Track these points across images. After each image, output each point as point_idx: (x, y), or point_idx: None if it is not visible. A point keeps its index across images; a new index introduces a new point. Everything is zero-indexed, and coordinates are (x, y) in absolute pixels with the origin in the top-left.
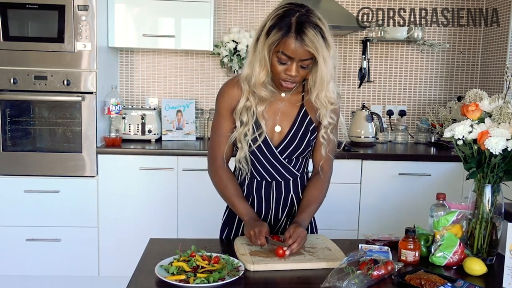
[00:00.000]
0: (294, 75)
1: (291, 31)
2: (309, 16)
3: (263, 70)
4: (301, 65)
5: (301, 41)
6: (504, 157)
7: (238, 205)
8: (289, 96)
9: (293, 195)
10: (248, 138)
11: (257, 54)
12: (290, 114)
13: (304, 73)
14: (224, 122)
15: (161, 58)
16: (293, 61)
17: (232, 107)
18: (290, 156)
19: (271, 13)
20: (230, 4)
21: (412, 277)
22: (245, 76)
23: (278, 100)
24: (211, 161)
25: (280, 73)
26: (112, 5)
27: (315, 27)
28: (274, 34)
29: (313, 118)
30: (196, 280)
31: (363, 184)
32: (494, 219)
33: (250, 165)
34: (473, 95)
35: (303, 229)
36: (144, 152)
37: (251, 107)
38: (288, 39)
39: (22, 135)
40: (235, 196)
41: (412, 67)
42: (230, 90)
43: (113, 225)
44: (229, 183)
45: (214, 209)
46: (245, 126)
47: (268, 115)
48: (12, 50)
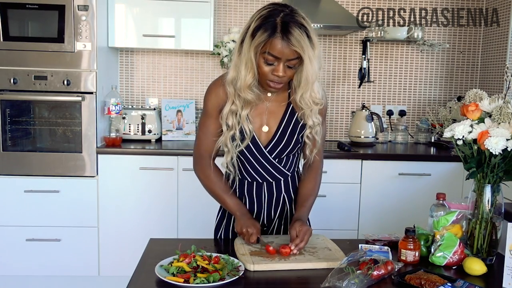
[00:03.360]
0: (281, 76)
1: (277, 31)
2: (294, 15)
3: (250, 73)
4: (288, 65)
5: (287, 41)
6: (504, 157)
7: (228, 201)
8: (275, 95)
9: (285, 195)
10: (236, 141)
11: (243, 57)
12: (277, 113)
13: (290, 73)
14: (211, 121)
15: (161, 58)
16: (280, 61)
17: (220, 107)
18: (280, 155)
19: (255, 15)
20: (230, 4)
21: (412, 277)
22: (231, 80)
23: (265, 100)
24: (198, 159)
25: (267, 74)
26: (112, 5)
27: (300, 26)
28: (259, 35)
29: (299, 117)
30: (196, 280)
31: (363, 184)
32: (494, 219)
33: (241, 166)
34: (473, 95)
35: (308, 227)
36: (144, 152)
37: (236, 111)
38: (275, 39)
39: (22, 135)
40: (224, 192)
41: (412, 67)
42: (217, 89)
43: (113, 225)
44: (217, 179)
45: (214, 209)
46: (231, 130)
47: (255, 115)
48: (12, 50)
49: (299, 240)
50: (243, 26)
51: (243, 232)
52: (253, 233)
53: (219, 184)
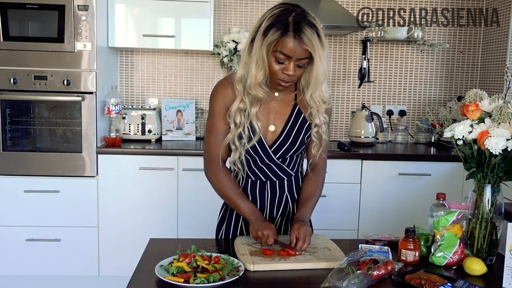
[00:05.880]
0: (291, 74)
1: (289, 30)
2: (305, 15)
3: (261, 71)
4: (298, 64)
5: (299, 39)
6: (504, 157)
7: (242, 205)
8: (282, 96)
9: (288, 194)
10: (243, 139)
11: (253, 55)
12: (283, 113)
13: (300, 72)
14: (220, 121)
15: (161, 58)
16: (291, 60)
17: (227, 106)
18: (284, 156)
19: (266, 13)
20: (230, 4)
21: (412, 277)
22: (240, 78)
23: (272, 100)
24: (209, 162)
25: (277, 72)
26: (112, 5)
27: (312, 26)
28: (272, 34)
29: (306, 117)
30: (196, 280)
31: (363, 184)
32: (494, 219)
33: (245, 164)
34: (473, 95)
35: (307, 226)
36: (144, 152)
37: (245, 109)
38: (287, 38)
39: (22, 135)
40: (238, 197)
41: (412, 67)
42: (225, 89)
43: (113, 225)
44: (230, 184)
45: (214, 209)
46: (238, 128)
47: (262, 115)
48: (12, 50)
49: (301, 242)
50: (253, 25)
51: (259, 236)
52: (269, 235)
53: (233, 188)
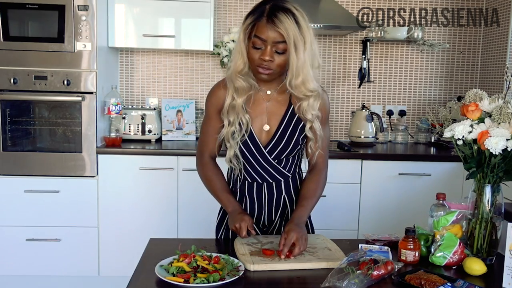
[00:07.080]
0: (267, 59)
1: (263, 15)
2: (284, 3)
3: (240, 58)
4: (276, 50)
5: (271, 23)
6: (504, 157)
7: (222, 198)
8: (276, 95)
9: (285, 196)
10: (236, 136)
11: (236, 45)
12: (278, 113)
13: (279, 60)
14: (211, 122)
15: (161, 58)
16: (267, 44)
17: (219, 107)
18: (279, 156)
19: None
20: (230, 4)
21: (412, 277)
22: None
23: (265, 99)
24: (198, 158)
25: (256, 59)
26: (112, 5)
27: (288, 11)
28: (248, 20)
29: (300, 116)
30: (196, 280)
31: (363, 184)
32: (494, 219)
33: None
34: (473, 95)
35: (298, 230)
36: (144, 152)
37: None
38: (261, 21)
39: (22, 135)
40: (220, 190)
41: (412, 67)
42: (217, 91)
43: (113, 225)
44: (214, 177)
45: (214, 209)
46: (232, 125)
47: (256, 115)
48: (12, 50)
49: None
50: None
51: (234, 228)
52: (241, 227)
53: (215, 182)
